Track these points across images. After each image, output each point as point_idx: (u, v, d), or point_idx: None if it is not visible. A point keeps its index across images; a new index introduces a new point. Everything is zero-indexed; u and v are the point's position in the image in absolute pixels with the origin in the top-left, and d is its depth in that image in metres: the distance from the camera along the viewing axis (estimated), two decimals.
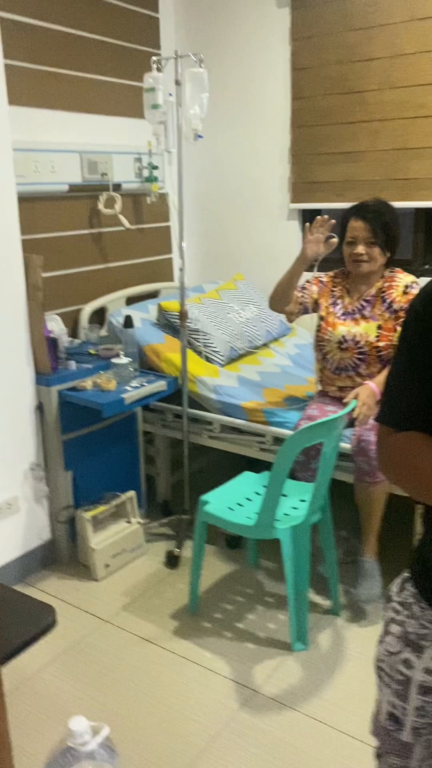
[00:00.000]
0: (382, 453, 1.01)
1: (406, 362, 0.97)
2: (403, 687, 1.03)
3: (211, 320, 3.01)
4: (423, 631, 1.00)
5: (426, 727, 1.03)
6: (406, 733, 1.05)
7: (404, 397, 0.98)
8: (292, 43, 3.16)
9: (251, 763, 1.77)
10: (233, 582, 2.57)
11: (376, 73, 2.96)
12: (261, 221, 3.47)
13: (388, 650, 1.05)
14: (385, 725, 1.08)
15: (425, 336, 0.94)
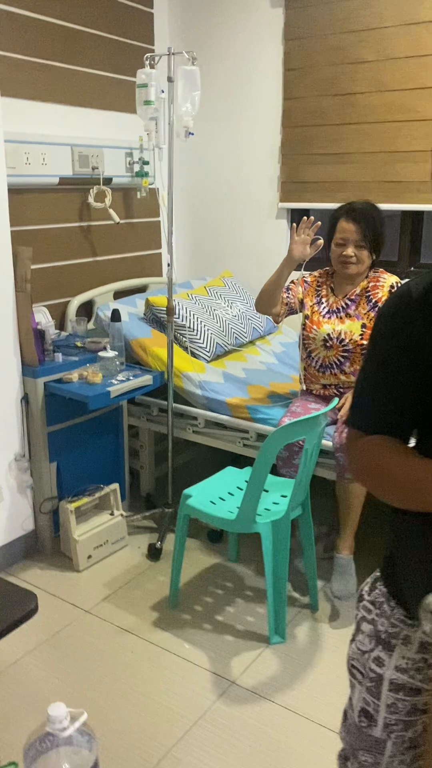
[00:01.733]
0: (351, 456, 1.04)
1: (375, 367, 1.00)
2: (375, 684, 1.05)
3: (199, 316, 3.03)
4: (393, 630, 1.03)
5: (397, 723, 1.06)
6: (378, 729, 1.07)
7: (373, 401, 1.00)
8: (284, 43, 3.18)
9: (227, 752, 1.80)
10: (214, 576, 2.60)
11: (367, 75, 2.99)
12: (250, 219, 3.50)
13: (360, 649, 1.08)
14: (358, 722, 1.10)
15: (393, 341, 0.97)
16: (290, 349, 3.27)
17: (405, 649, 1.02)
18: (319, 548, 2.66)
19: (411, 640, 1.02)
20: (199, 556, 2.72)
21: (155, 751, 1.80)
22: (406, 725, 1.05)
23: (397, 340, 0.96)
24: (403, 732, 1.06)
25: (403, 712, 1.05)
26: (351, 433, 1.04)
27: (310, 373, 2.57)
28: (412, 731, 1.06)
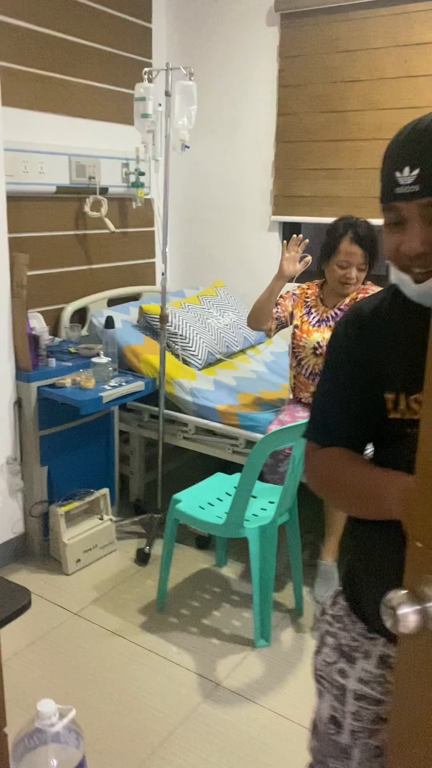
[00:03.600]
0: (309, 467, 1.08)
1: (331, 382, 1.06)
2: (341, 693, 1.09)
3: (191, 325, 3.08)
4: (354, 644, 1.07)
5: (362, 730, 1.09)
6: (345, 736, 1.10)
7: (329, 415, 1.06)
8: (279, 60, 3.26)
9: (211, 753, 1.83)
10: (201, 580, 2.64)
11: (359, 94, 3.08)
12: (242, 231, 3.57)
13: (325, 660, 1.12)
14: (326, 729, 1.13)
15: (346, 357, 1.03)
16: (280, 358, 3.33)
17: (366, 663, 1.06)
18: (305, 554, 2.70)
19: (371, 653, 1.06)
20: (187, 561, 2.76)
21: (141, 751, 1.83)
22: (370, 733, 1.09)
23: (349, 356, 1.02)
24: (368, 739, 1.09)
25: (367, 720, 1.08)
26: (308, 445, 1.08)
27: (300, 381, 2.62)
28: (377, 739, 1.09)
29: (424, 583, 0.76)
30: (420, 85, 2.91)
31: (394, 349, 0.99)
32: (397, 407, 0.98)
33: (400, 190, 0.88)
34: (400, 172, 0.87)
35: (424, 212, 0.87)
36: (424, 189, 0.86)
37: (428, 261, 0.89)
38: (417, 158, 0.86)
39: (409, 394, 0.96)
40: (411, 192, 0.87)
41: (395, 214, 0.91)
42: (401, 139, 0.90)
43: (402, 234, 0.91)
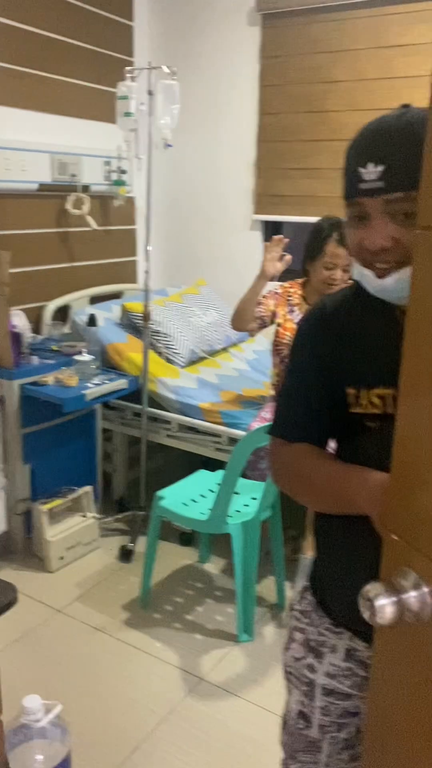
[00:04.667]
0: (275, 463, 1.10)
1: (296, 379, 1.07)
2: (309, 689, 1.12)
3: (174, 323, 3.10)
4: (321, 639, 1.09)
5: (331, 725, 1.11)
6: (314, 731, 1.12)
7: (295, 411, 1.07)
8: (261, 60, 3.28)
9: (195, 746, 1.86)
10: (184, 577, 2.66)
11: (340, 95, 3.11)
12: (225, 230, 3.58)
13: (294, 656, 1.13)
14: (296, 725, 1.15)
15: (308, 354, 1.04)
16: (262, 356, 3.35)
17: (333, 657, 1.08)
18: (287, 549, 2.73)
19: (338, 648, 1.08)
20: (170, 557, 2.78)
21: (126, 745, 1.85)
22: (339, 727, 1.11)
23: (312, 353, 1.04)
24: (336, 733, 1.11)
25: (335, 714, 1.10)
26: (274, 441, 1.09)
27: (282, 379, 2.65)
28: (346, 732, 1.11)
29: (401, 575, 0.79)
30: (399, 86, 2.95)
31: (356, 344, 1.00)
32: (358, 402, 0.99)
33: (364, 186, 0.89)
34: (365, 168, 0.89)
35: (387, 208, 0.89)
36: (388, 185, 0.87)
37: (391, 256, 0.90)
38: (382, 155, 0.87)
39: (370, 388, 0.98)
40: (375, 188, 0.88)
41: (359, 210, 0.92)
42: (366, 136, 0.91)
43: (365, 229, 0.92)
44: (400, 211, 0.88)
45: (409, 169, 0.85)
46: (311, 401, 1.05)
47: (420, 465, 0.77)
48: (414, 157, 0.84)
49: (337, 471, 0.98)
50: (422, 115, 0.88)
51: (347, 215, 0.95)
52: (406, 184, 0.86)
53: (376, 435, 0.98)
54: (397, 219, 0.89)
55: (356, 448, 1.01)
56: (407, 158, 0.86)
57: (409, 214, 0.87)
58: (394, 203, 0.88)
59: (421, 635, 0.79)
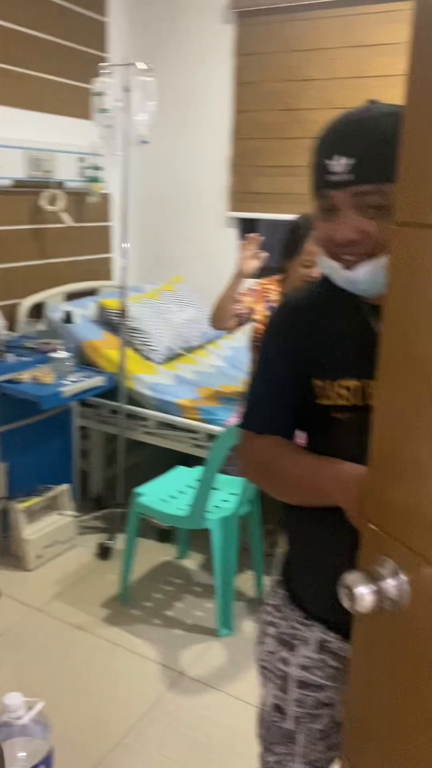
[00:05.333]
0: (246, 456, 1.10)
1: (266, 371, 1.08)
2: (283, 681, 1.13)
3: (150, 320, 3.09)
4: (294, 632, 1.11)
5: (305, 716, 1.13)
6: (289, 722, 1.14)
7: (265, 403, 1.08)
8: (235, 58, 3.29)
9: (177, 740, 1.87)
10: (163, 573, 2.67)
11: (314, 93, 3.13)
12: (200, 227, 3.59)
13: (267, 650, 1.15)
14: (271, 717, 1.16)
15: (278, 348, 1.05)
16: (239, 353, 3.37)
17: (305, 649, 1.10)
18: (266, 544, 2.75)
19: (310, 640, 1.09)
20: (149, 554, 2.78)
21: (108, 740, 1.85)
22: (313, 718, 1.13)
23: (282, 345, 1.05)
24: (311, 724, 1.13)
25: (309, 706, 1.12)
26: (244, 434, 1.09)
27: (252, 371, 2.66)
28: (321, 723, 1.13)
29: (380, 564, 0.81)
30: (371, 85, 2.98)
31: (323, 337, 1.02)
32: (325, 393, 1.00)
33: (334, 179, 0.90)
34: (334, 161, 0.89)
35: (356, 201, 0.90)
36: (358, 178, 0.88)
37: (359, 249, 0.92)
38: (352, 148, 0.88)
39: (337, 380, 0.99)
40: (345, 181, 0.89)
41: (328, 203, 0.93)
42: (335, 130, 0.92)
43: (334, 222, 0.93)
44: (369, 203, 0.89)
45: (378, 163, 0.87)
46: (281, 394, 1.06)
47: (397, 456, 0.79)
48: (382, 150, 0.87)
49: (310, 463, 0.99)
50: (389, 110, 0.90)
51: (316, 207, 0.96)
52: (375, 177, 0.88)
53: (346, 427, 1.00)
54: (365, 212, 0.90)
55: (327, 440, 1.02)
56: (376, 152, 0.87)
57: (378, 206, 0.89)
58: (363, 196, 0.89)
59: (399, 623, 0.81)
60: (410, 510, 0.77)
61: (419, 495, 0.75)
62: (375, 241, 0.90)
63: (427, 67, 0.69)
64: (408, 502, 0.77)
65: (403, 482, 0.78)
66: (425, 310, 0.73)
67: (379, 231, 0.90)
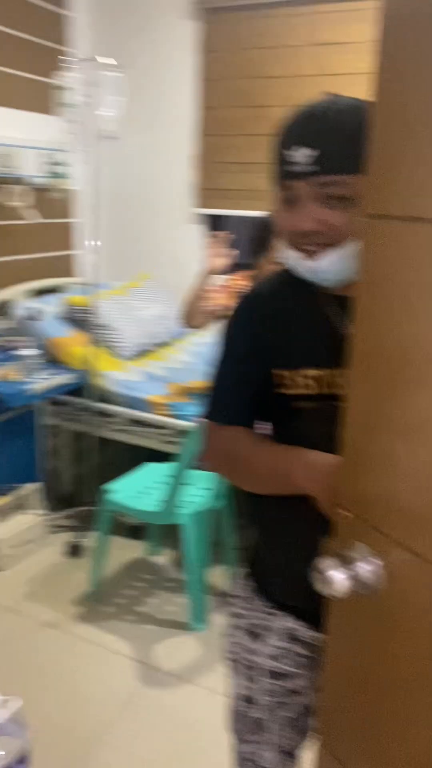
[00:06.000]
0: (210, 447, 1.10)
1: (229, 364, 1.08)
2: (253, 672, 1.13)
3: (119, 316, 3.08)
4: (262, 622, 1.12)
5: (276, 705, 1.14)
6: (259, 712, 1.15)
7: (230, 394, 1.08)
8: (201, 54, 3.30)
9: (153, 734, 1.88)
10: (135, 569, 2.67)
11: (278, 90, 3.16)
12: (167, 223, 3.59)
13: (236, 642, 1.15)
14: (240, 708, 1.17)
15: (241, 339, 1.06)
16: (208, 348, 3.38)
17: (274, 639, 1.11)
18: (238, 538, 2.77)
19: (278, 629, 1.11)
20: (120, 551, 2.77)
21: (86, 739, 1.85)
22: (284, 706, 1.14)
23: (243, 337, 1.06)
24: (282, 712, 1.14)
25: (279, 694, 1.13)
26: (208, 425, 1.09)
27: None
28: (291, 711, 1.14)
29: (353, 549, 0.83)
30: (335, 83, 3.02)
31: (284, 326, 1.03)
32: (287, 383, 1.02)
33: (296, 169, 0.91)
34: (298, 152, 0.90)
35: (319, 192, 0.91)
36: (321, 169, 0.90)
37: (320, 239, 0.93)
38: (315, 140, 0.89)
39: (299, 369, 1.01)
40: (308, 172, 0.90)
41: (290, 193, 0.94)
42: (297, 121, 0.93)
43: (295, 212, 0.94)
44: (331, 195, 0.91)
45: (340, 155, 0.89)
46: (244, 385, 1.06)
47: (370, 443, 0.81)
48: (344, 142, 0.89)
49: (278, 453, 1.00)
50: (351, 104, 0.92)
51: (277, 198, 0.97)
52: (338, 168, 0.89)
53: (310, 416, 1.01)
54: (327, 203, 0.91)
55: (291, 429, 1.03)
56: (338, 144, 0.89)
57: (339, 197, 0.90)
58: (325, 187, 0.90)
59: (372, 606, 0.83)
60: (383, 496, 0.80)
61: (391, 481, 0.78)
62: (336, 231, 0.92)
63: (395, 60, 0.71)
64: (380, 489, 0.80)
65: (376, 469, 0.80)
66: (395, 301, 0.75)
67: (340, 221, 0.92)
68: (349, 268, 0.94)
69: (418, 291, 0.72)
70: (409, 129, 0.70)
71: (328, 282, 0.97)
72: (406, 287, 0.73)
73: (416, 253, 0.71)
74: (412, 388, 0.74)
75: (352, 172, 0.89)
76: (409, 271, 0.73)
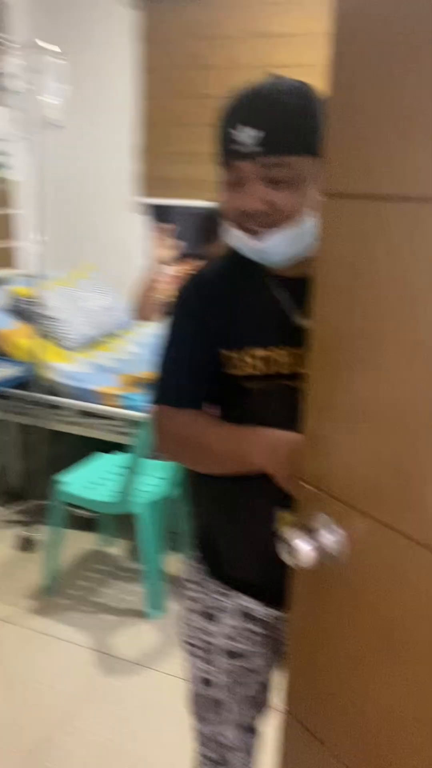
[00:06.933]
0: (164, 431, 1.08)
1: (177, 347, 1.07)
2: (210, 654, 1.14)
3: (65, 307, 3.05)
4: (216, 603, 1.13)
5: (234, 684, 1.14)
6: (218, 692, 1.16)
7: (180, 377, 1.07)
8: (141, 44, 3.28)
9: (114, 721, 1.89)
10: (88, 561, 2.66)
11: (219, 81, 3.17)
12: (111, 214, 3.56)
13: (192, 625, 1.17)
14: (199, 690, 1.18)
15: (188, 322, 1.06)
16: (156, 339, 3.38)
17: (229, 619, 1.13)
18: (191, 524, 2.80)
19: (233, 610, 1.12)
20: (73, 544, 2.75)
21: (44, 728, 1.84)
22: (242, 685, 1.16)
23: (190, 319, 1.06)
24: (240, 691, 1.16)
25: (237, 674, 1.14)
26: (160, 410, 1.08)
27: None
28: (249, 689, 1.16)
29: (316, 520, 0.87)
30: None
31: (230, 307, 1.04)
32: (234, 364, 1.02)
33: (242, 150, 0.91)
34: (243, 133, 0.91)
35: (264, 172, 0.92)
36: (266, 150, 0.90)
37: (266, 219, 0.95)
38: (259, 120, 0.90)
39: (247, 350, 1.01)
40: (253, 152, 0.91)
41: (236, 174, 0.94)
42: (242, 102, 0.93)
43: (241, 193, 0.94)
44: (276, 175, 0.92)
45: (284, 135, 0.91)
46: (193, 367, 1.06)
47: (330, 418, 0.85)
48: (289, 123, 0.91)
49: (233, 433, 1.01)
50: (294, 85, 0.94)
51: (222, 179, 0.97)
52: (283, 149, 0.91)
53: (258, 396, 1.03)
54: (272, 183, 0.93)
55: (239, 410, 1.04)
56: (283, 124, 0.91)
57: (284, 178, 0.92)
58: (270, 168, 0.92)
59: (336, 575, 0.87)
60: (345, 468, 0.83)
61: (353, 454, 0.82)
62: (282, 211, 0.94)
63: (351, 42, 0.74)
64: (342, 461, 0.84)
65: (338, 442, 0.84)
66: (354, 279, 0.79)
67: (285, 202, 0.93)
68: (294, 248, 0.97)
69: (376, 268, 0.76)
70: (364, 108, 0.74)
71: (273, 262, 0.99)
72: (364, 265, 0.77)
73: (374, 230, 0.75)
74: (371, 363, 0.78)
75: (297, 153, 0.91)
76: (366, 249, 0.76)
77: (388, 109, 0.72)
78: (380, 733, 0.86)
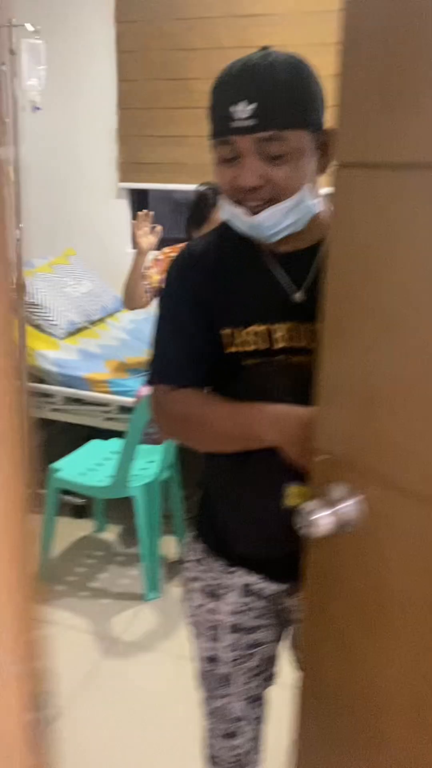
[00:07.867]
0: (164, 410, 1.07)
1: (172, 324, 1.06)
2: (215, 631, 1.15)
3: (47, 294, 3.02)
4: (218, 581, 1.14)
5: (239, 658, 1.16)
6: (224, 667, 1.17)
7: (178, 356, 1.05)
8: (116, 25, 3.23)
9: (118, 704, 1.91)
10: (83, 547, 2.66)
11: (198, 63, 3.15)
12: (90, 198, 3.52)
13: (195, 604, 1.18)
14: (207, 668, 1.19)
15: (182, 299, 1.05)
16: (140, 324, 3.36)
17: (232, 595, 1.14)
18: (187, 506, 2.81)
19: (235, 585, 1.13)
20: (66, 531, 2.74)
21: None
22: (247, 659, 1.17)
23: (184, 296, 1.05)
24: (246, 664, 1.17)
25: (242, 647, 1.15)
26: (158, 389, 1.06)
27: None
28: (254, 661, 1.18)
29: (334, 490, 0.88)
30: None
31: (225, 285, 1.02)
32: (233, 341, 1.01)
33: (236, 125, 0.90)
34: (236, 107, 0.90)
35: (259, 147, 0.91)
36: (261, 123, 0.89)
37: (262, 194, 0.94)
38: (253, 93, 0.89)
39: (244, 327, 1.00)
40: (248, 126, 0.90)
41: (230, 149, 0.93)
42: (233, 75, 0.92)
43: (237, 168, 0.93)
44: (272, 150, 0.91)
45: (278, 108, 0.90)
46: (192, 345, 1.04)
47: (347, 388, 0.86)
48: (283, 96, 0.90)
49: (237, 409, 0.99)
50: (286, 58, 0.93)
51: (217, 155, 0.96)
52: (277, 122, 0.90)
53: (256, 372, 1.02)
54: (268, 158, 0.91)
55: (240, 386, 1.03)
56: (277, 97, 0.90)
57: (280, 153, 0.91)
58: (265, 142, 0.90)
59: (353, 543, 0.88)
60: (362, 435, 0.85)
61: (371, 420, 0.83)
62: (277, 186, 0.93)
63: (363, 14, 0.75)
64: (360, 428, 0.85)
65: (354, 410, 0.85)
66: (368, 248, 0.80)
67: (281, 177, 0.93)
68: (289, 223, 0.97)
69: (390, 236, 0.77)
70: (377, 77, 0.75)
71: (268, 237, 0.98)
72: (378, 234, 0.78)
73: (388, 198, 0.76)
74: (386, 334, 0.80)
75: (292, 126, 0.91)
76: (380, 217, 0.77)
77: (400, 78, 0.73)
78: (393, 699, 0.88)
